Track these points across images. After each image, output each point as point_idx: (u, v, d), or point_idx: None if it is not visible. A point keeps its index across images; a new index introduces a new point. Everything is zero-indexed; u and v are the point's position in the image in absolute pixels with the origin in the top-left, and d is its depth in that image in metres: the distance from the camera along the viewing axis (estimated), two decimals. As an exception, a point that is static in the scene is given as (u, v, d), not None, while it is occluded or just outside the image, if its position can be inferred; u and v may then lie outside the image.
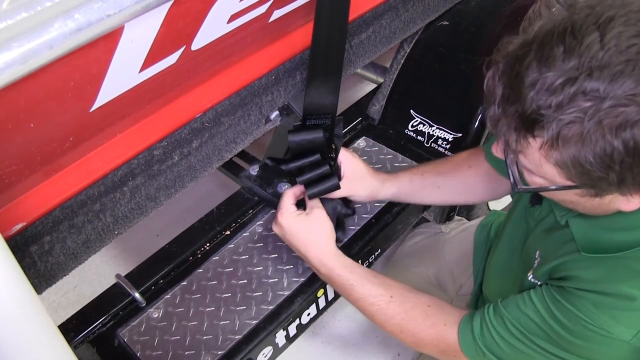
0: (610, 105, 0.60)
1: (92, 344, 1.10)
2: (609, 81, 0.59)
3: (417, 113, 1.42)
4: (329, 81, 0.99)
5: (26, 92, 0.60)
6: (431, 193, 1.14)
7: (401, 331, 0.98)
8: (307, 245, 1.02)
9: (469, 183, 1.12)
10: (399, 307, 0.97)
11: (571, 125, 0.62)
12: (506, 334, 0.86)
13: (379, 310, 0.98)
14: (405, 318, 0.97)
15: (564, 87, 0.61)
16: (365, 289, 0.99)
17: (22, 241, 0.77)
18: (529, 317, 0.83)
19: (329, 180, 1.04)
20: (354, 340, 1.67)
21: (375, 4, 1.14)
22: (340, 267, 1.01)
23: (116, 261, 1.91)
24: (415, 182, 1.13)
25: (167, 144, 0.90)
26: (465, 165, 1.12)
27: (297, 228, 1.03)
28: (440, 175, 1.13)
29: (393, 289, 0.99)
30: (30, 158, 0.70)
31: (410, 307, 0.97)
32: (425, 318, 0.96)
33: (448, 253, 1.39)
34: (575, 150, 0.63)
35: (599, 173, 0.64)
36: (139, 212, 0.91)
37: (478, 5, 1.44)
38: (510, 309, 0.86)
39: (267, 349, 1.11)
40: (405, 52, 1.45)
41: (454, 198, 1.18)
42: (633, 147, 0.61)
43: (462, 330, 0.91)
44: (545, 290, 0.83)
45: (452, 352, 0.93)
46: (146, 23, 0.66)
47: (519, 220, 1.01)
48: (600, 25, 0.61)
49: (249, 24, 0.85)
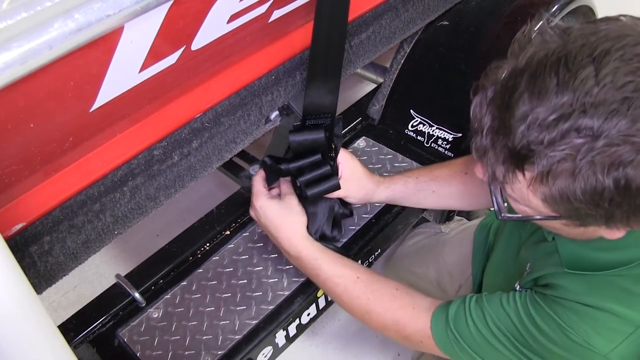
0: (604, 144, 0.58)
1: (92, 344, 1.10)
2: (603, 119, 0.58)
3: (417, 113, 1.42)
4: (328, 81, 1.00)
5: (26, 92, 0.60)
6: (426, 197, 1.14)
7: (367, 311, 0.97)
8: (278, 226, 1.03)
9: (464, 189, 1.11)
10: (366, 287, 0.97)
11: (562, 162, 0.60)
12: (482, 326, 0.85)
13: (345, 290, 0.98)
14: (371, 298, 0.96)
15: (557, 123, 0.59)
16: (332, 269, 0.99)
17: (22, 241, 0.77)
18: (508, 315, 0.83)
19: (330, 181, 1.04)
20: (354, 340, 1.67)
21: (375, 4, 1.14)
22: (308, 248, 1.02)
23: (116, 261, 1.91)
24: (409, 186, 1.13)
25: (167, 144, 0.90)
26: (461, 171, 1.11)
27: (271, 210, 1.04)
28: (435, 180, 1.13)
29: (360, 270, 0.99)
30: (30, 158, 0.70)
31: (377, 288, 0.96)
32: (392, 299, 0.95)
33: (447, 253, 1.39)
34: (564, 186, 0.62)
35: (587, 209, 0.63)
36: (139, 212, 0.91)
37: (478, 5, 1.44)
38: (492, 304, 0.85)
39: (267, 349, 1.11)
40: (405, 52, 1.45)
41: (448, 203, 1.17)
42: (624, 186, 0.59)
43: (436, 313, 0.90)
44: (528, 295, 0.83)
45: (418, 337, 0.92)
46: (146, 23, 0.66)
47: (513, 230, 1.01)
48: (595, 58, 0.59)
49: (249, 24, 0.85)
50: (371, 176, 1.12)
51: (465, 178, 1.10)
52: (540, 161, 0.61)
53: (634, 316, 0.74)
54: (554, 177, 0.62)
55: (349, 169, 1.09)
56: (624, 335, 0.74)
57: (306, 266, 1.02)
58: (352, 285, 0.97)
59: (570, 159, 0.60)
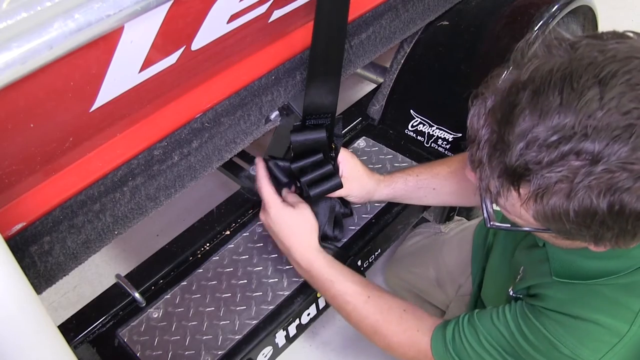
0: (602, 169, 0.57)
1: (92, 344, 1.10)
2: (605, 145, 0.57)
3: (417, 113, 1.42)
4: (328, 81, 1.00)
5: (26, 92, 0.60)
6: (427, 194, 1.14)
7: (375, 332, 0.98)
8: (292, 236, 1.03)
9: (464, 186, 1.11)
10: (375, 307, 0.97)
11: (559, 183, 0.60)
12: (477, 346, 0.86)
13: (355, 309, 0.98)
14: (380, 320, 0.96)
15: (558, 144, 0.58)
16: (343, 286, 0.99)
17: (22, 241, 0.76)
18: (500, 331, 0.83)
19: (332, 180, 1.04)
20: (354, 340, 1.67)
21: (375, 4, 1.14)
22: (320, 260, 1.01)
23: (116, 261, 1.91)
24: (410, 183, 1.13)
25: (167, 144, 0.90)
26: (461, 168, 1.11)
27: (285, 219, 1.03)
28: (435, 177, 1.13)
29: (370, 289, 0.99)
30: (30, 158, 0.70)
31: (386, 309, 0.97)
32: (399, 322, 0.96)
33: (447, 253, 1.39)
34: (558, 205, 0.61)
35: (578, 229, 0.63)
36: (139, 212, 0.91)
37: (478, 5, 1.44)
38: (484, 321, 0.86)
39: (267, 349, 1.11)
40: (405, 52, 1.45)
41: (449, 200, 1.17)
42: (618, 210, 0.59)
43: (435, 335, 0.91)
44: (518, 306, 0.83)
45: (422, 358, 0.93)
46: (146, 23, 0.66)
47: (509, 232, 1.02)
48: (601, 80, 0.58)
49: (249, 24, 0.85)
50: (372, 175, 1.12)
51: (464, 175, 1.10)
52: (536, 181, 0.61)
53: (619, 326, 0.74)
54: (548, 197, 0.61)
55: (349, 168, 1.09)
56: (609, 345, 0.75)
57: (316, 280, 1.02)
58: (361, 305, 0.97)
59: (567, 181, 0.59)
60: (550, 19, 1.35)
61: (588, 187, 0.59)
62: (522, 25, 1.35)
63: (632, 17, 2.67)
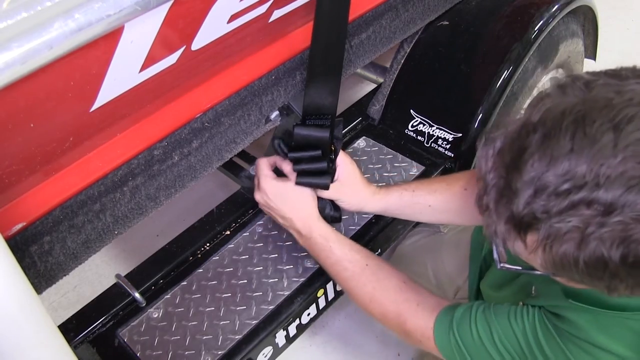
0: (616, 221, 0.54)
1: (92, 344, 1.10)
2: (619, 195, 0.54)
3: (417, 113, 1.42)
4: (328, 81, 0.99)
5: (26, 92, 0.60)
6: (422, 211, 1.10)
7: (370, 300, 0.96)
8: (291, 206, 1.03)
9: (463, 205, 1.08)
10: (373, 275, 0.96)
11: (569, 233, 0.57)
12: (487, 340, 0.83)
13: (352, 275, 0.97)
14: (377, 287, 0.95)
15: (568, 194, 0.55)
16: (342, 252, 0.98)
17: (22, 241, 0.76)
18: (515, 334, 0.80)
19: (321, 178, 1.03)
20: (354, 340, 1.67)
21: (375, 4, 1.14)
22: (321, 228, 1.01)
23: (116, 261, 1.91)
24: (404, 198, 1.10)
25: (167, 144, 0.90)
26: (461, 187, 1.08)
27: (282, 190, 1.03)
28: (432, 193, 1.09)
29: (370, 258, 0.98)
30: (30, 158, 0.70)
31: (384, 277, 0.96)
32: (398, 292, 0.94)
33: (445, 254, 1.39)
34: (567, 254, 0.58)
35: (589, 278, 0.61)
36: (139, 212, 0.91)
37: (478, 5, 1.44)
38: (500, 318, 0.83)
39: (267, 349, 1.11)
40: (405, 52, 1.45)
41: (444, 218, 1.13)
42: (632, 263, 0.56)
43: (441, 316, 0.88)
44: (537, 316, 0.79)
45: (418, 335, 0.90)
46: (146, 23, 0.66)
47: None
48: (616, 125, 0.54)
49: (249, 24, 0.85)
50: (367, 185, 1.10)
51: (465, 194, 1.07)
52: (544, 230, 0.58)
53: None
54: (557, 246, 0.58)
55: (346, 173, 1.07)
56: None
57: (317, 247, 1.01)
58: (359, 271, 0.96)
59: (577, 231, 0.56)
60: (551, 19, 1.35)
61: (600, 239, 0.56)
62: (522, 25, 1.35)
63: (632, 17, 2.67)
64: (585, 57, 1.69)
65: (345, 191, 1.08)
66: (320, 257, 1.03)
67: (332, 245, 1.00)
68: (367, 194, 1.10)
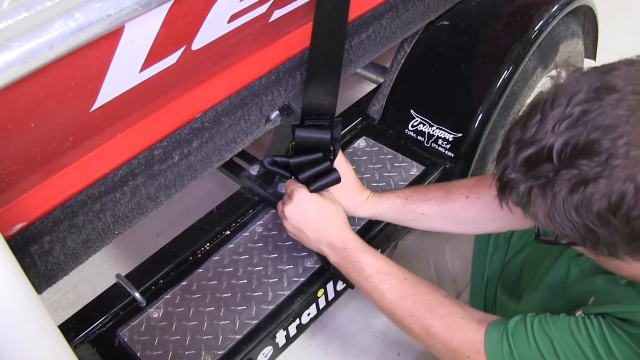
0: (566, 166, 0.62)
1: (92, 344, 1.10)
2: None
3: (417, 113, 1.42)
4: (327, 82, 0.99)
5: (26, 92, 0.60)
6: (415, 219, 1.09)
7: (411, 314, 0.89)
8: (325, 218, 1.01)
9: (462, 213, 1.07)
10: (413, 289, 0.91)
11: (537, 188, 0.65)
12: (546, 351, 0.78)
13: (391, 288, 0.92)
14: (418, 300, 0.89)
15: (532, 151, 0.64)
16: (379, 264, 0.95)
17: (23, 241, 0.76)
18: (580, 346, 0.77)
19: (330, 175, 1.04)
20: (354, 340, 1.67)
21: (375, 4, 1.14)
22: (356, 240, 1.00)
23: (116, 261, 1.91)
24: (396, 206, 1.09)
25: (167, 143, 0.90)
26: (460, 194, 1.07)
27: (317, 201, 1.02)
28: (427, 201, 1.08)
29: (407, 272, 0.94)
30: (30, 158, 0.70)
31: (425, 292, 0.91)
32: (440, 305, 0.89)
33: (448, 252, 1.38)
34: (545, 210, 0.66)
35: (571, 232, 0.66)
36: (139, 212, 0.91)
37: (478, 5, 1.44)
38: (561, 331, 0.79)
39: (267, 349, 1.11)
40: (406, 52, 1.45)
41: (440, 227, 1.11)
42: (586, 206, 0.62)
43: (491, 328, 0.84)
44: (605, 325, 0.76)
45: (467, 350, 0.84)
46: (146, 23, 0.66)
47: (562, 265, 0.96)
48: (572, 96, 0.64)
49: (249, 24, 0.85)
50: (361, 190, 1.10)
51: (465, 202, 1.06)
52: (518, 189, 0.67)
53: None
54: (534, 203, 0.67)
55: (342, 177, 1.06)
56: None
57: (351, 259, 0.97)
58: (398, 284, 0.92)
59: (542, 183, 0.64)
60: (551, 19, 1.35)
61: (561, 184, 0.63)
62: (522, 25, 1.35)
63: (632, 17, 2.67)
64: (585, 57, 1.69)
65: (338, 195, 1.07)
66: (354, 269, 0.98)
67: (368, 257, 0.96)
68: (360, 200, 1.10)
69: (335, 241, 1.00)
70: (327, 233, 1.01)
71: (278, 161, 1.06)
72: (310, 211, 1.01)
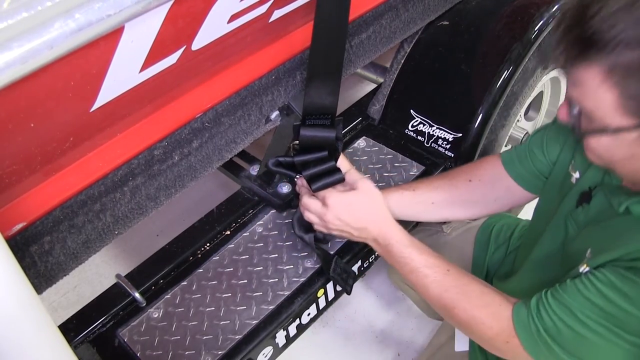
0: None
1: (92, 344, 1.10)
2: None
3: (417, 113, 1.42)
4: (328, 82, 0.99)
5: (26, 92, 0.60)
6: (425, 209, 1.11)
7: (455, 306, 0.92)
8: (365, 215, 1.00)
9: (468, 197, 1.09)
10: (456, 280, 0.93)
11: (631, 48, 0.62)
12: (571, 321, 0.79)
13: (435, 281, 0.94)
14: (461, 292, 0.92)
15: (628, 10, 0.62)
16: (422, 258, 0.96)
17: (22, 241, 0.76)
18: (594, 303, 0.77)
19: (334, 175, 1.04)
20: (354, 340, 1.67)
21: (375, 4, 1.14)
22: (399, 234, 0.99)
23: (116, 261, 1.91)
24: (405, 198, 1.10)
25: (167, 144, 0.90)
26: (464, 179, 1.09)
27: (350, 199, 1.01)
28: (434, 190, 1.10)
29: (450, 264, 0.96)
30: (30, 158, 0.70)
31: (467, 283, 0.93)
32: (481, 295, 0.91)
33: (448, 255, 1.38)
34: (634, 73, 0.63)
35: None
36: (139, 212, 0.91)
37: (478, 5, 1.44)
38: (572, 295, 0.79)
39: (267, 349, 1.11)
40: (406, 52, 1.45)
41: (449, 214, 1.13)
42: None
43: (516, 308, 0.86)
44: (611, 274, 0.76)
45: (505, 336, 0.86)
46: (146, 23, 0.66)
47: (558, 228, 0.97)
48: None
49: (249, 24, 0.85)
50: None
51: (469, 185, 1.09)
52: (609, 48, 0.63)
53: None
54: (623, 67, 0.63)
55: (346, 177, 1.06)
56: None
57: (394, 254, 0.99)
58: (442, 277, 0.94)
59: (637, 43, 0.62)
60: (551, 19, 1.35)
61: None
62: (522, 25, 1.35)
63: (632, 17, 2.67)
64: (585, 57, 1.68)
65: None
66: (397, 263, 1.00)
67: (411, 252, 0.97)
68: None
69: (377, 237, 1.01)
70: (368, 231, 1.02)
71: (282, 161, 1.06)
72: (346, 213, 1.01)
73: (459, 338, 1.23)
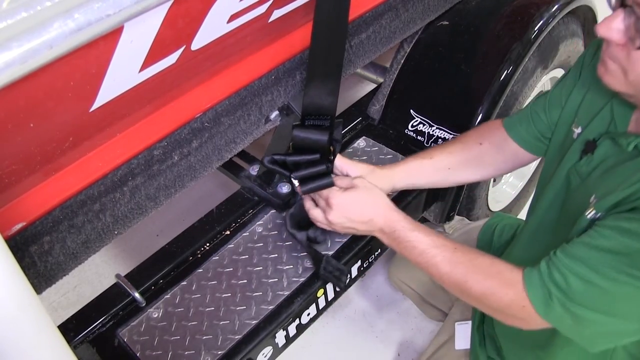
0: None
1: (92, 344, 1.10)
2: None
3: (417, 113, 1.42)
4: (328, 82, 0.99)
5: (26, 92, 0.60)
6: (444, 176, 1.15)
7: (466, 280, 0.93)
8: (368, 208, 1.02)
9: (480, 160, 1.13)
10: (464, 256, 0.94)
11: None
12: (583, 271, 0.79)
13: (444, 259, 0.95)
14: (471, 266, 0.93)
15: None
16: (429, 239, 0.97)
17: (22, 241, 0.77)
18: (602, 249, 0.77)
19: (324, 179, 1.04)
20: (354, 340, 1.67)
21: (375, 4, 1.14)
22: (403, 220, 1.00)
23: (116, 261, 1.91)
24: (425, 166, 1.14)
25: (167, 144, 0.90)
26: (474, 143, 1.13)
27: (353, 196, 1.03)
28: (450, 155, 1.14)
29: (456, 242, 0.97)
30: (30, 158, 0.70)
31: (475, 257, 0.94)
32: (491, 266, 0.92)
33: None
34: None
35: None
36: (139, 212, 0.91)
37: (478, 5, 1.44)
38: (582, 248, 0.80)
39: (267, 349, 1.11)
40: (405, 52, 1.45)
41: (464, 177, 1.17)
42: None
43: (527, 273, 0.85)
44: (614, 218, 0.77)
45: (520, 300, 0.86)
46: (146, 23, 0.66)
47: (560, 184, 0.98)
48: None
49: (249, 24, 0.85)
50: (381, 166, 1.14)
51: (481, 148, 1.13)
52: None
53: None
54: None
55: (356, 169, 1.09)
56: None
57: (402, 240, 1.00)
58: (450, 254, 0.95)
59: None
60: (551, 19, 1.35)
61: None
62: (522, 25, 1.35)
63: (632, 17, 2.66)
64: (585, 57, 1.69)
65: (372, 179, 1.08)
66: (405, 249, 1.01)
67: (418, 235, 0.98)
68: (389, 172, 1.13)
69: (383, 227, 1.02)
70: (374, 222, 1.03)
71: (277, 159, 1.06)
72: (351, 210, 1.03)
73: (459, 336, 1.23)
